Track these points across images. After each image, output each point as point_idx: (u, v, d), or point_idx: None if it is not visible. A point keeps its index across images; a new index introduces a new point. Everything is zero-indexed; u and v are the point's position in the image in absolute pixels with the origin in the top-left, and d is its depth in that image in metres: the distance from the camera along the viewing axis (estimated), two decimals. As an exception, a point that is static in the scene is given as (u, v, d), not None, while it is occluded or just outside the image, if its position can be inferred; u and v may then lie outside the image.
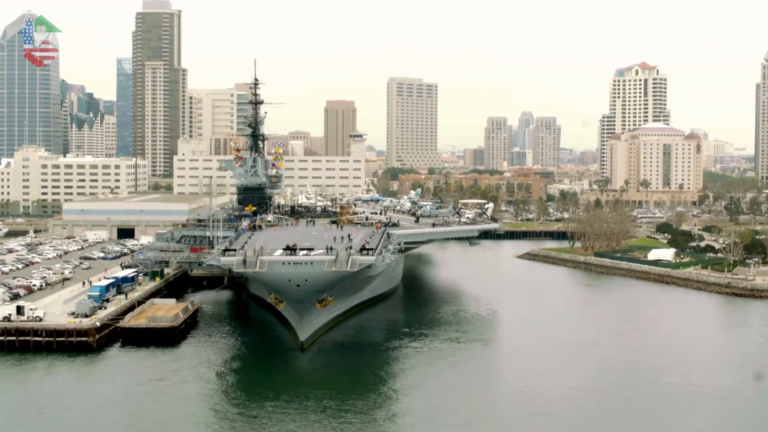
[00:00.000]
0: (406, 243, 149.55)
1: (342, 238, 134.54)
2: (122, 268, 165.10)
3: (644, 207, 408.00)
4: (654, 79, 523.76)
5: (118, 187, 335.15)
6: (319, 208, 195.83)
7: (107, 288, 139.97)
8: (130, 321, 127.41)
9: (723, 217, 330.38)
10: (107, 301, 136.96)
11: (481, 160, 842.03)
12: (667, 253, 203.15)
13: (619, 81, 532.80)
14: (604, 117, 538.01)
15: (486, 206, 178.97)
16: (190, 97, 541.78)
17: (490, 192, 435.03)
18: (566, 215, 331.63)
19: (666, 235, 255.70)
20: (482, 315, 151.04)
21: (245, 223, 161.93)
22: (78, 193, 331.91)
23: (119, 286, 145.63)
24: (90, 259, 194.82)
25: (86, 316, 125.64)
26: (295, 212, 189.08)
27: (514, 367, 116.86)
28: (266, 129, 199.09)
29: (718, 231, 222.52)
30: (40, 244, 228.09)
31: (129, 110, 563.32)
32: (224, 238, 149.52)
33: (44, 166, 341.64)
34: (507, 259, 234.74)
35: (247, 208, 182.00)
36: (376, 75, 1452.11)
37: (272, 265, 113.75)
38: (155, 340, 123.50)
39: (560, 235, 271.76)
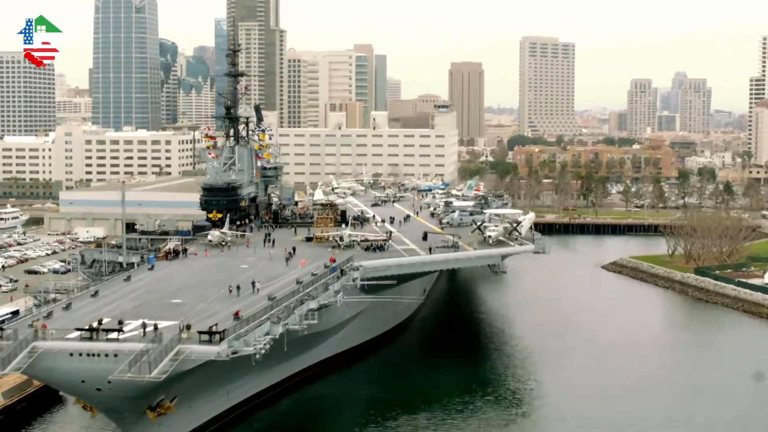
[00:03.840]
0: (371, 282, 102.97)
1: (243, 286, 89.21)
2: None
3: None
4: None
5: (169, 165, 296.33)
6: (314, 212, 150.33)
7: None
8: None
9: None
10: None
11: (624, 124, 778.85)
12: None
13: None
14: (752, 80, 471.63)
15: (521, 219, 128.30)
16: (297, 60, 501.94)
17: (612, 167, 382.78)
18: (690, 201, 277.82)
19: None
20: (504, 390, 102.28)
21: (171, 244, 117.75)
22: (125, 173, 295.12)
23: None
24: (36, 273, 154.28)
25: None
26: (279, 219, 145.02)
27: None
28: (403, 93, 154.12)
29: None
30: (19, 243, 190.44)
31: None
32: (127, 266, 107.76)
33: (88, 142, 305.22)
34: (588, 271, 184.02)
35: (210, 215, 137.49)
36: (506, 34, 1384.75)
37: (47, 359, 69.07)
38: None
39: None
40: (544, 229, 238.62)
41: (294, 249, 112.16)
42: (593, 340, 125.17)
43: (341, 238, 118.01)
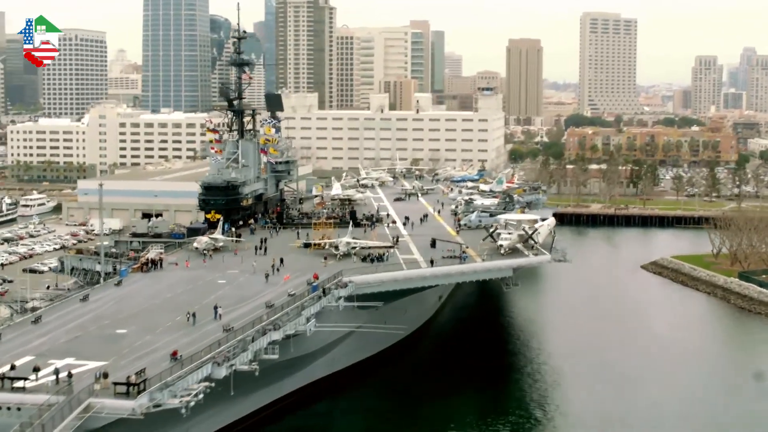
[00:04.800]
0: (362, 299, 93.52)
1: (205, 311, 79.83)
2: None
3: None
4: None
5: (204, 149, 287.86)
6: (324, 212, 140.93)
7: None
8: None
9: None
10: None
11: (689, 102, 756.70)
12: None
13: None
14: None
15: (538, 225, 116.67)
16: (348, 38, 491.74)
17: (669, 151, 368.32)
18: (746, 189, 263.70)
19: None
20: (518, 421, 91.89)
21: (152, 253, 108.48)
22: (160, 156, 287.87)
23: None
24: (35, 272, 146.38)
25: None
26: (284, 219, 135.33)
27: None
28: (465, 68, 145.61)
29: None
30: (32, 235, 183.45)
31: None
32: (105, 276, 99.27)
33: (122, 125, 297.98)
34: (626, 272, 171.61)
35: (208, 216, 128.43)
36: (565, 10, 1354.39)
37: (-61, 412, 60.24)
38: None
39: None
40: (587, 221, 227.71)
41: (281, 260, 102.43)
42: (618, 359, 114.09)
43: (336, 247, 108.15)
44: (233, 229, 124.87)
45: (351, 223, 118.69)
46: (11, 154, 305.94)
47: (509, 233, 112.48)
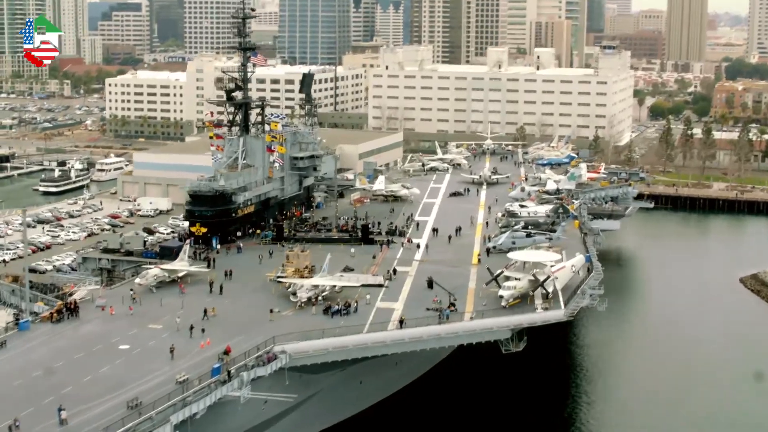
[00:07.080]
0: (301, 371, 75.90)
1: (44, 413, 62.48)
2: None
3: None
4: None
5: (301, 107, 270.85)
6: (341, 221, 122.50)
7: None
8: None
9: None
10: None
11: None
12: None
13: None
14: None
15: (557, 269, 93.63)
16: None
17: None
18: None
19: None
20: None
21: (82, 291, 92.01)
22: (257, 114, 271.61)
23: None
24: (35, 272, 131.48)
25: None
26: (286, 233, 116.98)
27: None
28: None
29: None
30: (72, 215, 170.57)
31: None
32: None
33: (220, 80, 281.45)
34: (722, 286, 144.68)
35: (193, 229, 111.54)
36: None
37: None
38: None
39: None
40: (704, 206, 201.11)
41: (205, 312, 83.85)
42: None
43: (294, 293, 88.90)
44: (218, 247, 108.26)
45: (329, 255, 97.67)
46: (109, 108, 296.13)
47: (516, 279, 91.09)
